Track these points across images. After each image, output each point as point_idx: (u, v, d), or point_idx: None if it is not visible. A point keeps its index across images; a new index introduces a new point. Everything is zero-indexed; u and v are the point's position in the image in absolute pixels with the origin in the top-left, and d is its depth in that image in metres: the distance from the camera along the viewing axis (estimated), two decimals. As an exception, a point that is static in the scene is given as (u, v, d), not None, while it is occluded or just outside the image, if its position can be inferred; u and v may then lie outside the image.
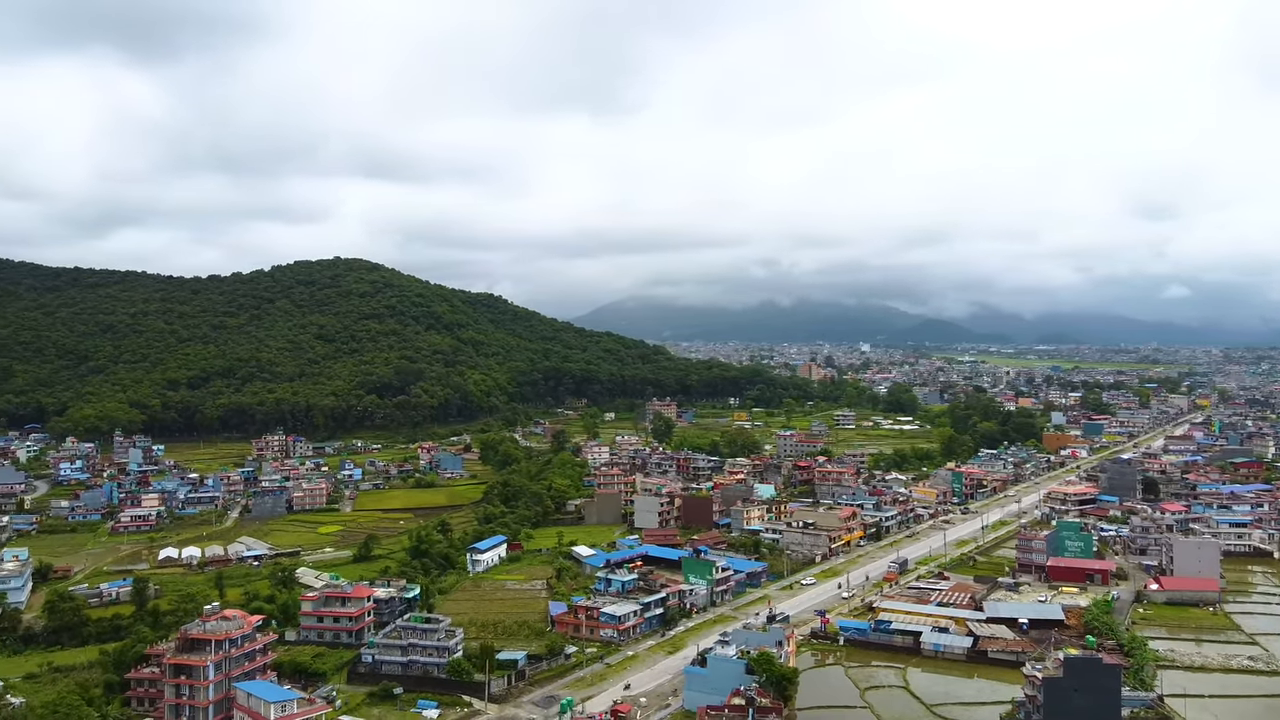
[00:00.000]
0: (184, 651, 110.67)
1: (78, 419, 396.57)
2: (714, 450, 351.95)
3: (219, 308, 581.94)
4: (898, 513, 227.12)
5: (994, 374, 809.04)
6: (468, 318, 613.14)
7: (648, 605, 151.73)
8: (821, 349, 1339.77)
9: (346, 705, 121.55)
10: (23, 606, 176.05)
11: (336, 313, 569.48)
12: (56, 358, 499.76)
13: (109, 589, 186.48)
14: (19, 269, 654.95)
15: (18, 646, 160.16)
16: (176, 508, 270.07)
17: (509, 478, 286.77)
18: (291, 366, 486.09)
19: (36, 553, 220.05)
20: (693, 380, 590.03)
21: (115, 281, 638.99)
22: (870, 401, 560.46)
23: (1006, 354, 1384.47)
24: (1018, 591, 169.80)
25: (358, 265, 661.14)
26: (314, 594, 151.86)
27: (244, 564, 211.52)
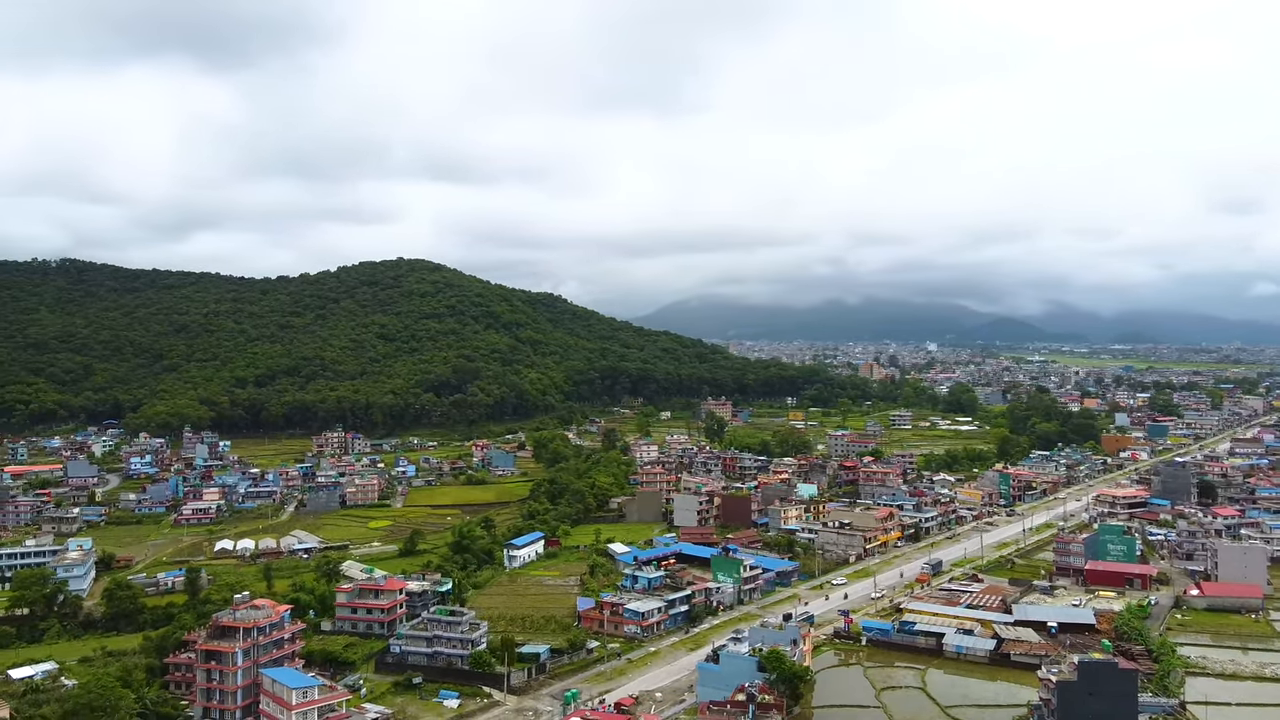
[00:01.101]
0: (215, 638, 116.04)
1: (150, 415, 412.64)
2: (764, 450, 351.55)
3: (286, 308, 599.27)
4: (938, 514, 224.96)
5: (1062, 374, 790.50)
6: (527, 317, 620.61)
7: (672, 602, 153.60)
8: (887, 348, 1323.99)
9: (371, 693, 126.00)
10: (84, 594, 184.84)
11: (398, 312, 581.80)
12: (134, 356, 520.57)
13: (165, 579, 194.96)
14: (101, 271, 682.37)
15: (77, 631, 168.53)
16: (236, 501, 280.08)
17: (556, 475, 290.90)
18: (353, 365, 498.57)
19: (103, 543, 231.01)
20: (750, 379, 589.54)
21: (190, 283, 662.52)
22: (930, 401, 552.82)
23: (1080, 354, 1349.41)
24: (1052, 595, 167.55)
25: (420, 266, 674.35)
26: (348, 586, 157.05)
27: (294, 556, 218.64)
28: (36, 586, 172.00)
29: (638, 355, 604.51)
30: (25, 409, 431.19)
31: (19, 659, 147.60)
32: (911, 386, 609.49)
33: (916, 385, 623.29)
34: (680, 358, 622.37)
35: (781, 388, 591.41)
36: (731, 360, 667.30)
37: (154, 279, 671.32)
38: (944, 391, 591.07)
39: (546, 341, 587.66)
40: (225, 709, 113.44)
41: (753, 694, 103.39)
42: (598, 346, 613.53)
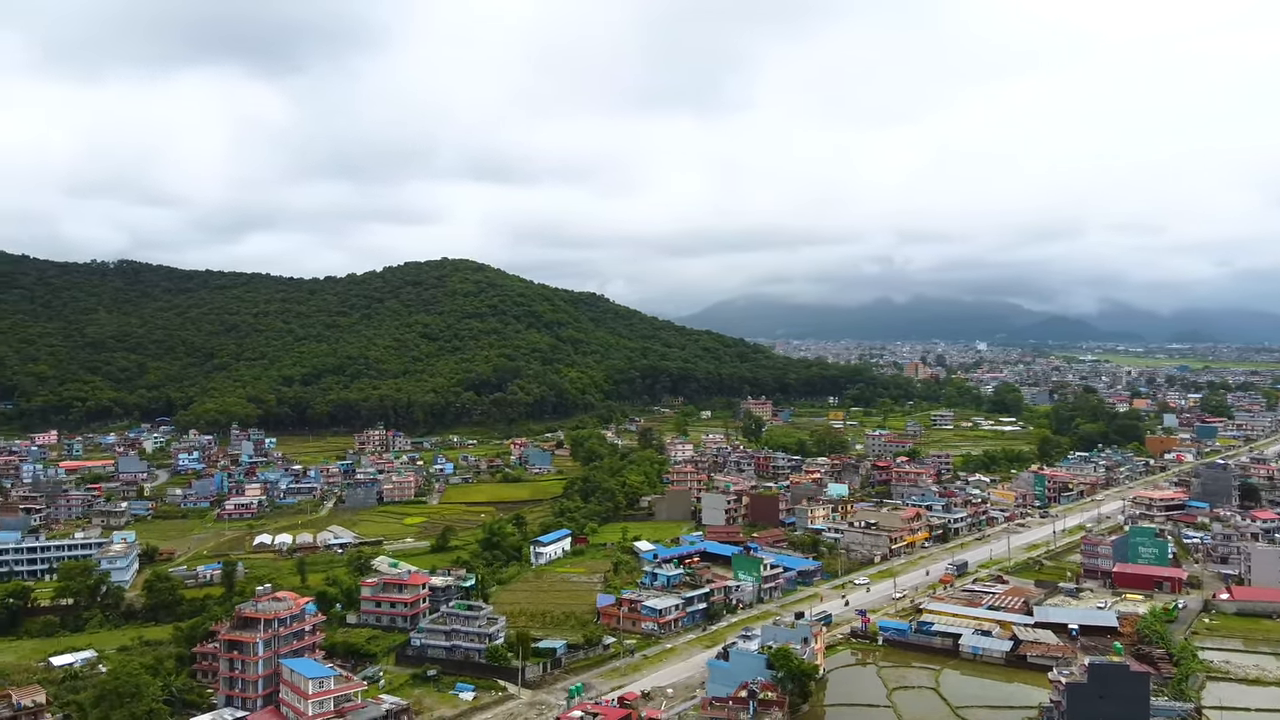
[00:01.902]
0: (237, 629, 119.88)
1: (200, 413, 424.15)
2: (800, 449, 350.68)
3: (333, 308, 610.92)
4: (968, 515, 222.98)
5: (1114, 374, 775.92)
6: (568, 316, 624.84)
7: (690, 600, 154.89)
8: (935, 347, 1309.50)
9: (389, 685, 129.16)
10: (127, 585, 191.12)
11: (441, 312, 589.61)
12: (185, 355, 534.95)
13: (204, 571, 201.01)
14: (156, 272, 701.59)
15: (119, 621, 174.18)
16: (278, 497, 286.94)
17: (590, 473, 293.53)
18: (397, 364, 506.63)
19: (149, 536, 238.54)
20: (791, 379, 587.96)
21: (241, 284, 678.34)
22: (974, 402, 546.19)
23: (1135, 353, 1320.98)
24: (1077, 597, 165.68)
25: (463, 266, 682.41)
26: (373, 580, 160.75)
27: (329, 551, 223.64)
28: (80, 577, 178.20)
29: (679, 354, 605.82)
30: (82, 406, 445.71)
31: (61, 647, 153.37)
32: (954, 386, 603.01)
33: (960, 385, 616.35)
34: (721, 357, 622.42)
35: (823, 387, 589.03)
36: (773, 360, 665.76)
37: (206, 280, 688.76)
38: (989, 391, 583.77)
39: (588, 341, 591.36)
40: (246, 697, 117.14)
41: (754, 690, 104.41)
42: (639, 346, 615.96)
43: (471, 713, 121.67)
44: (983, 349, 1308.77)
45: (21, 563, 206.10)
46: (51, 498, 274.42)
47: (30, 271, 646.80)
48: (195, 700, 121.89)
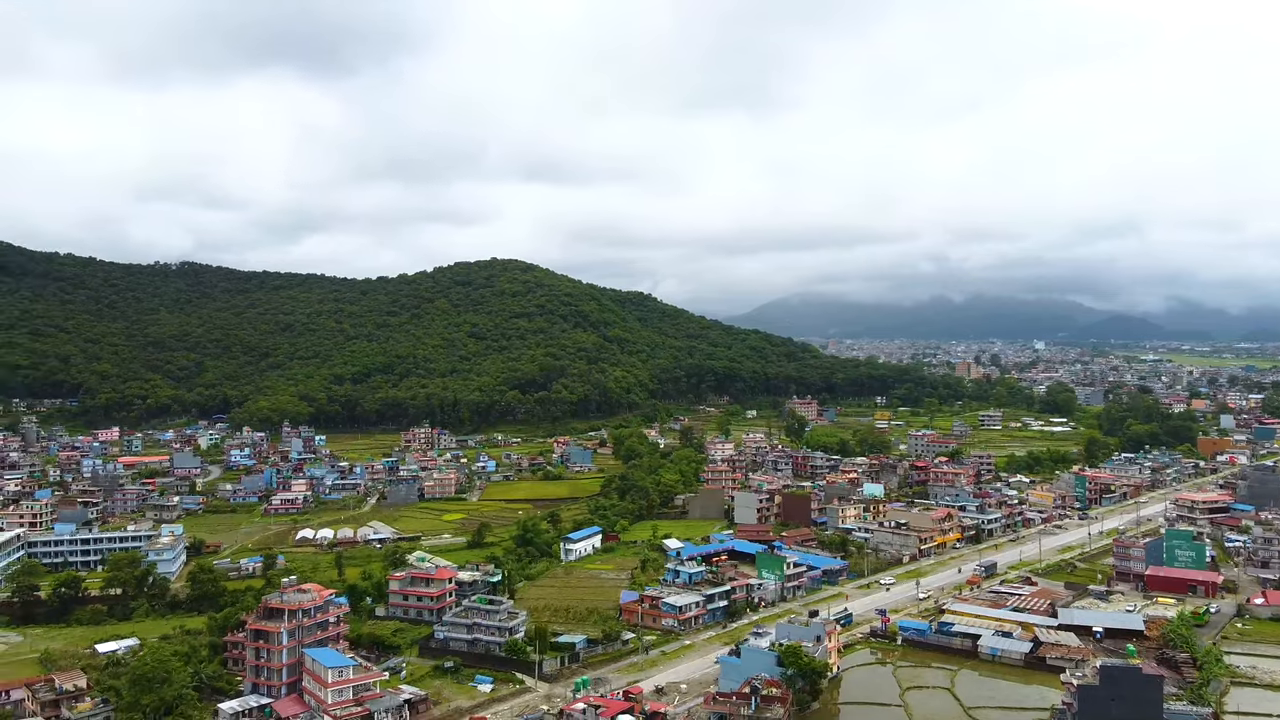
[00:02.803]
0: (264, 619, 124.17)
1: (253, 411, 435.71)
2: (842, 449, 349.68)
3: (384, 308, 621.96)
4: (1002, 516, 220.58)
5: (1174, 374, 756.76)
6: (615, 316, 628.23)
7: (711, 597, 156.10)
8: (991, 347, 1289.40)
9: (411, 676, 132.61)
10: (173, 576, 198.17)
11: (489, 311, 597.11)
12: (242, 354, 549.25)
13: (246, 564, 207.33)
14: (216, 273, 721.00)
15: (164, 611, 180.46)
16: (323, 493, 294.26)
17: (628, 472, 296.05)
18: (445, 363, 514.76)
19: (199, 530, 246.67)
20: (838, 379, 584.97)
21: (296, 284, 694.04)
22: (1025, 402, 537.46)
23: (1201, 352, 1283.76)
24: (1107, 600, 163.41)
25: (512, 265, 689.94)
26: (401, 574, 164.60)
27: (368, 546, 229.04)
28: (128, 568, 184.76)
29: (725, 354, 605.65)
30: (143, 404, 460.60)
31: (107, 635, 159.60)
32: (1004, 386, 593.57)
33: (1011, 385, 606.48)
34: (768, 356, 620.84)
35: (871, 387, 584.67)
36: (820, 359, 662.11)
37: (263, 280, 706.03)
38: (1041, 391, 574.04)
39: (634, 340, 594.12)
40: (271, 685, 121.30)
41: (756, 686, 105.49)
42: (685, 345, 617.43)
43: (488, 704, 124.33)
44: (1040, 348, 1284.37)
45: (76, 554, 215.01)
46: (109, 492, 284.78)
47: (97, 273, 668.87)
48: (224, 687, 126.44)
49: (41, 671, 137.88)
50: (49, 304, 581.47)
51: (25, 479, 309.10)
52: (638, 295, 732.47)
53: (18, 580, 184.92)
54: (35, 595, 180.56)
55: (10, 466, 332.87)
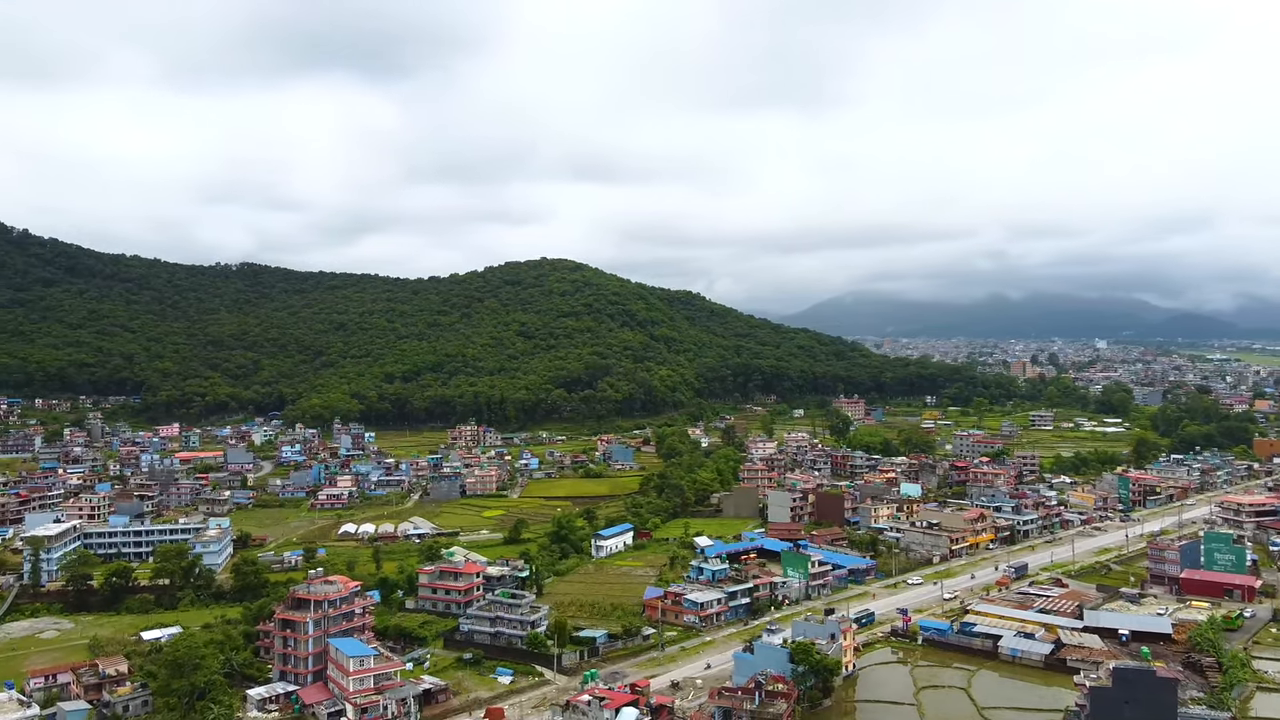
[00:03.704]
0: (291, 609, 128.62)
1: (306, 408, 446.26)
2: (885, 448, 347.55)
3: (434, 307, 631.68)
4: (1039, 517, 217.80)
5: (1240, 374, 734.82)
6: (663, 315, 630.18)
7: (734, 594, 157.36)
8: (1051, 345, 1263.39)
9: (434, 667, 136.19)
10: (218, 568, 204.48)
11: (538, 311, 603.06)
12: (297, 353, 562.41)
13: (289, 557, 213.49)
14: (274, 273, 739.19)
15: (209, 601, 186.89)
16: (368, 489, 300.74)
17: (667, 470, 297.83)
18: (493, 361, 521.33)
19: (248, 524, 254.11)
20: (887, 378, 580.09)
21: (351, 284, 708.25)
22: (1079, 402, 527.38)
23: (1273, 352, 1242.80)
24: (1138, 603, 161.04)
25: (561, 265, 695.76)
26: (430, 568, 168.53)
27: (408, 540, 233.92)
28: (175, 560, 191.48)
29: (773, 353, 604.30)
30: (202, 401, 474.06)
31: (152, 623, 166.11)
32: (1057, 386, 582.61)
33: (1065, 384, 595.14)
34: (816, 355, 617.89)
35: (921, 386, 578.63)
36: (869, 358, 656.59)
37: (319, 280, 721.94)
38: (1097, 391, 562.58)
39: (681, 339, 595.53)
40: (298, 673, 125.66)
41: (760, 681, 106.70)
42: (733, 344, 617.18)
43: (507, 695, 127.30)
44: (1101, 347, 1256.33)
45: (128, 545, 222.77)
46: (165, 486, 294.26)
47: (161, 274, 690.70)
48: (254, 674, 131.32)
49: (90, 657, 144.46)
50: (115, 304, 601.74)
51: (87, 473, 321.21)
52: (686, 294, 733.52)
53: (73, 569, 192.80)
54: (88, 584, 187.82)
55: (74, 461, 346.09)
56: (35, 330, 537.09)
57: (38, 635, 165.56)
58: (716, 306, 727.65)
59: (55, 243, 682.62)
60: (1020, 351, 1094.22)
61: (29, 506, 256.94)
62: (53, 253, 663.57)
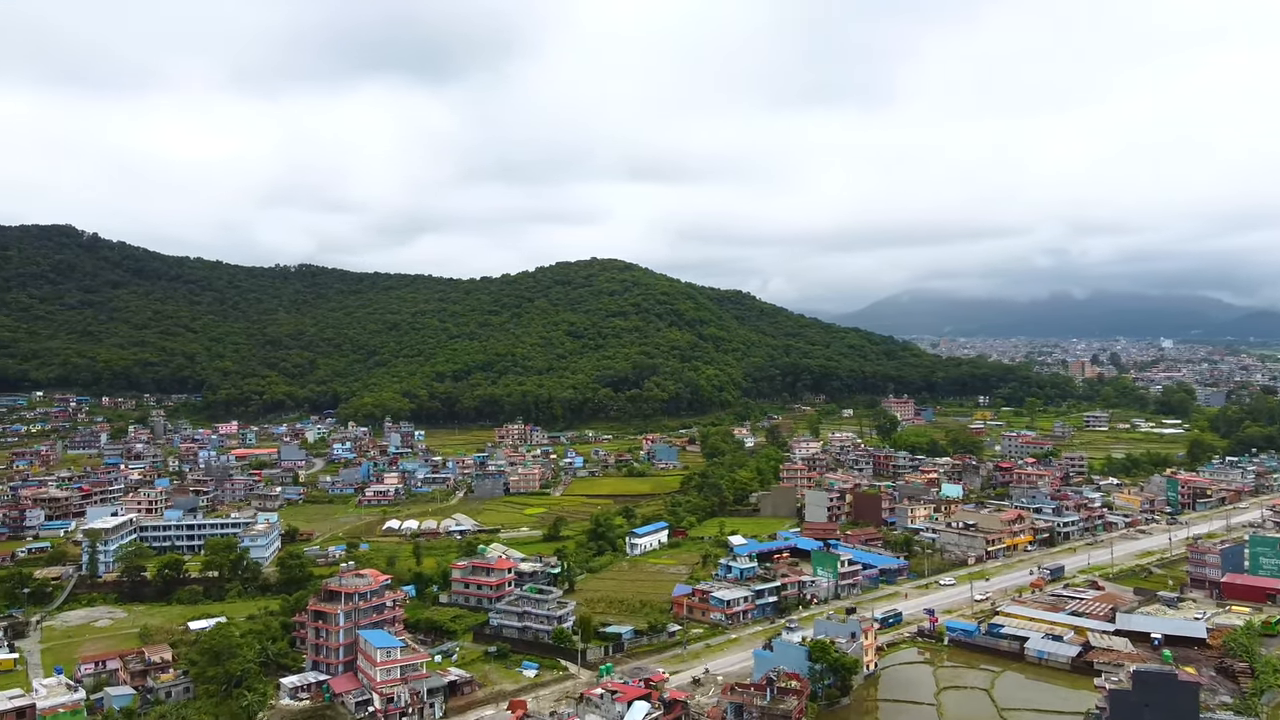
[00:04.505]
0: (323, 601, 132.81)
1: (358, 406, 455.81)
2: (932, 448, 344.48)
3: (485, 307, 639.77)
4: (1080, 519, 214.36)
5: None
6: (711, 314, 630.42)
7: (760, 592, 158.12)
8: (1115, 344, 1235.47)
9: (462, 659, 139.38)
10: (266, 562, 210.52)
11: (587, 310, 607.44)
12: (351, 352, 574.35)
13: (334, 551, 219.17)
14: (330, 274, 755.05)
15: (255, 593, 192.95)
16: (414, 486, 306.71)
17: (709, 469, 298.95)
18: (542, 361, 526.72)
19: (297, 519, 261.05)
20: (938, 377, 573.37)
21: (405, 285, 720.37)
22: (1137, 402, 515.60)
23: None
24: (1175, 607, 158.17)
25: (611, 265, 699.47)
26: (463, 563, 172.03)
27: (449, 537, 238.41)
28: (224, 553, 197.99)
29: (822, 352, 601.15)
30: (260, 399, 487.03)
31: (200, 613, 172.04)
32: (1115, 386, 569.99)
33: (1124, 385, 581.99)
34: (867, 355, 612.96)
35: (973, 386, 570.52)
36: (920, 357, 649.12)
37: (374, 281, 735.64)
38: (1157, 392, 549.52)
39: (729, 338, 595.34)
40: (329, 663, 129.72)
41: (771, 678, 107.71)
42: (782, 343, 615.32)
43: (532, 688, 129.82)
44: (1167, 346, 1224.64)
45: (181, 538, 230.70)
46: (220, 481, 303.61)
47: (223, 276, 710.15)
48: (288, 663, 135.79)
49: (139, 645, 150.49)
50: (178, 305, 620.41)
51: (148, 468, 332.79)
52: (736, 294, 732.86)
53: (128, 561, 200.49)
54: (142, 575, 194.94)
55: (136, 457, 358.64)
56: (103, 330, 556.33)
57: (92, 624, 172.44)
58: (766, 306, 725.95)
59: (124, 246, 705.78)
60: (1081, 351, 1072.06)
61: (91, 501, 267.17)
62: (121, 255, 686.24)
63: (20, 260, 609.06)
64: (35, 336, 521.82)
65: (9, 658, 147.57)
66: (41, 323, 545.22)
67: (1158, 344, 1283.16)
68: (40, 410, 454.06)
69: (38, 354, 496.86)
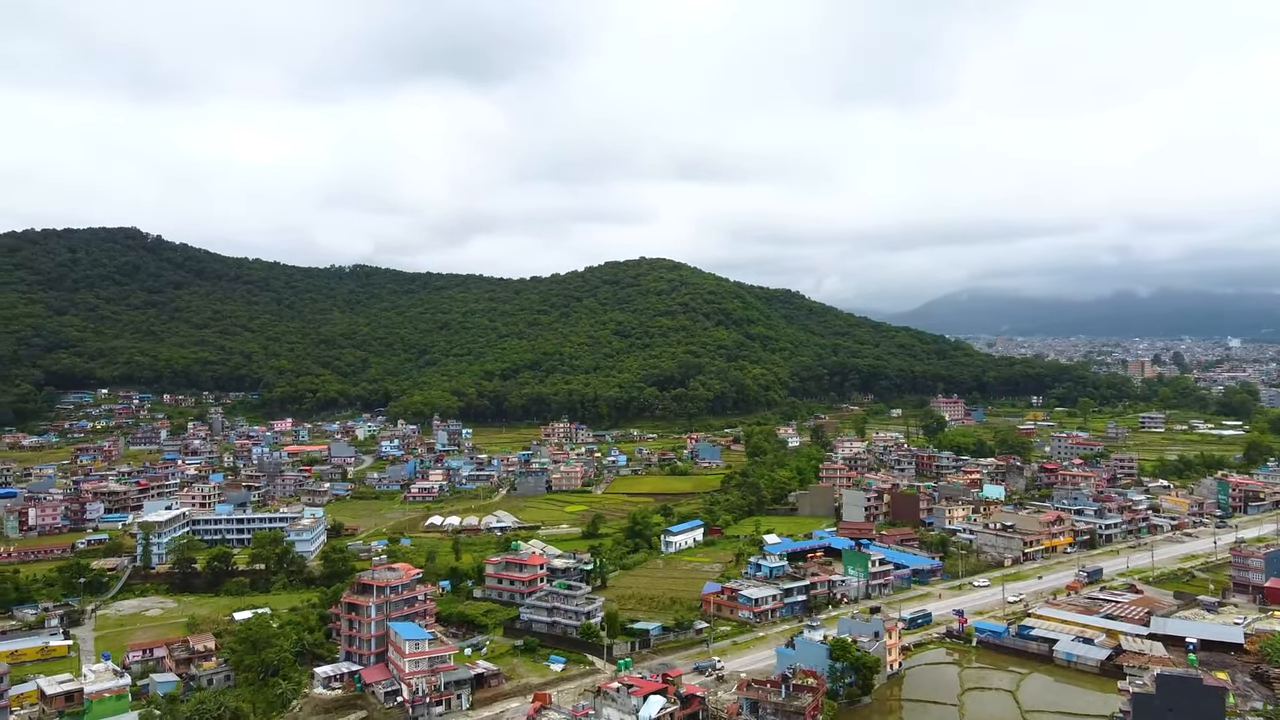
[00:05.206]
0: (356, 594, 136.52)
1: (408, 404, 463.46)
2: (978, 449, 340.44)
3: (534, 306, 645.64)
4: (1123, 521, 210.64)
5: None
6: (759, 314, 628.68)
7: (789, 591, 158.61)
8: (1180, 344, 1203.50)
9: (492, 653, 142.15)
10: (311, 555, 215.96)
11: (634, 310, 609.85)
12: (403, 351, 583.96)
13: (376, 546, 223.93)
14: (384, 275, 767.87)
15: (300, 586, 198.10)
16: (459, 483, 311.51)
17: (750, 468, 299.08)
18: (589, 360, 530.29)
19: (344, 514, 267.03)
20: (990, 377, 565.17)
21: (456, 285, 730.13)
22: (1197, 403, 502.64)
23: None
24: (1215, 611, 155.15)
25: (659, 264, 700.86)
26: (496, 559, 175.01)
27: (490, 533, 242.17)
28: (270, 546, 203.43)
29: (871, 351, 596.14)
30: (313, 397, 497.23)
31: (245, 605, 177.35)
32: (1173, 387, 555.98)
33: (1184, 385, 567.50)
34: (917, 354, 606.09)
35: (1026, 386, 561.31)
36: (972, 357, 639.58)
37: (426, 281, 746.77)
38: (1219, 392, 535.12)
39: (777, 338, 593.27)
40: (362, 654, 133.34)
41: (787, 675, 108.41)
42: (830, 343, 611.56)
43: (557, 682, 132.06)
44: (1234, 346, 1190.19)
45: (231, 531, 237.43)
46: (271, 477, 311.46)
47: (280, 276, 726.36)
48: (324, 654, 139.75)
49: (186, 634, 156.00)
50: (237, 305, 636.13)
51: (203, 464, 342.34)
52: (785, 293, 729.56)
53: (180, 553, 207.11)
54: (192, 567, 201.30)
55: (193, 453, 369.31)
56: (165, 330, 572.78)
57: (144, 613, 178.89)
58: (815, 305, 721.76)
59: (186, 248, 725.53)
60: (1144, 350, 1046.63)
61: (148, 495, 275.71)
62: (183, 257, 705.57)
63: (89, 262, 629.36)
64: (101, 336, 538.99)
65: (63, 644, 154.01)
66: (107, 323, 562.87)
67: (1224, 343, 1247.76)
68: (105, 407, 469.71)
69: (104, 353, 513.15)
